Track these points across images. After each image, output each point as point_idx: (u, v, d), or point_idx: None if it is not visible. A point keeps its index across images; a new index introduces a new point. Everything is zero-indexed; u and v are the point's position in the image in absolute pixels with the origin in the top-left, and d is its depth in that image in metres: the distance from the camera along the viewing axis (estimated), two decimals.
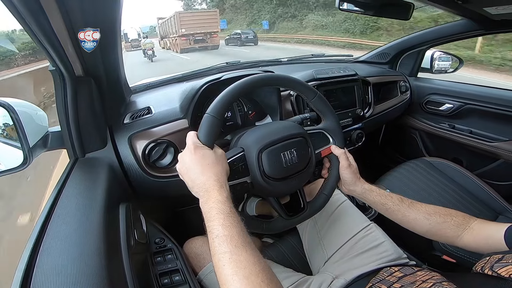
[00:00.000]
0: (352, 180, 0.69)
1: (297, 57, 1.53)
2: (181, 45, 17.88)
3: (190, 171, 0.51)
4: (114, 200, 0.62)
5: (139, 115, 0.81)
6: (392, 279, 0.59)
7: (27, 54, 7.69)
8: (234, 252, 0.40)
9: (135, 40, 22.87)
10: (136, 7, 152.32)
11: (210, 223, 0.44)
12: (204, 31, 17.83)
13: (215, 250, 0.41)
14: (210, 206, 0.46)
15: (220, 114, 0.56)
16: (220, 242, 0.41)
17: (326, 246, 0.77)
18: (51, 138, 0.70)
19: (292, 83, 0.69)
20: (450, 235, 0.58)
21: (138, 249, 0.58)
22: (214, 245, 0.41)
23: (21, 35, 8.10)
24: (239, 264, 0.39)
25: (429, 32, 1.35)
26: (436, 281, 0.49)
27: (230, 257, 0.39)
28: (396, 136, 1.66)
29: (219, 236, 0.42)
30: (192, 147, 0.52)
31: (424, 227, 0.61)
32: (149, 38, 16.29)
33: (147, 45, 14.02)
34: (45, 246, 0.44)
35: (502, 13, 0.91)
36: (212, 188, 0.48)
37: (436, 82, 1.47)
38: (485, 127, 1.27)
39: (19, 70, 6.42)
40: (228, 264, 0.39)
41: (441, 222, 0.59)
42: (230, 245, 0.40)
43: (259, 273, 0.38)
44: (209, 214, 0.45)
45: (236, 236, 0.41)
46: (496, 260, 0.44)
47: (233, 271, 0.38)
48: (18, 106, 0.61)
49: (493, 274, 0.41)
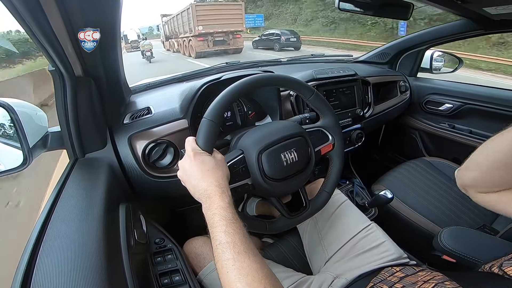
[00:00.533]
0: None
1: (297, 57, 1.54)
2: (197, 48, 13.56)
3: (191, 178, 0.51)
4: (114, 200, 0.61)
5: (139, 115, 0.81)
6: (394, 279, 0.58)
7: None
8: (237, 259, 0.40)
9: (134, 41, 22.67)
10: (135, 9, 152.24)
11: (213, 229, 0.44)
12: (226, 29, 13.55)
13: (219, 257, 0.41)
14: (213, 212, 0.46)
15: (217, 117, 0.56)
16: (223, 249, 0.41)
17: (327, 246, 0.77)
18: (51, 139, 0.70)
19: (289, 82, 0.69)
20: None
21: (138, 249, 0.58)
22: (218, 252, 0.42)
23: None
24: (242, 271, 0.39)
25: (429, 32, 1.35)
26: (438, 281, 0.48)
27: (233, 264, 0.40)
28: (396, 136, 1.66)
29: (222, 243, 0.42)
30: (192, 154, 0.52)
31: None
32: (147, 40, 16.00)
33: (145, 46, 13.86)
34: (45, 247, 0.44)
35: (502, 13, 0.91)
36: (214, 194, 0.48)
37: (435, 82, 1.47)
38: (485, 127, 1.27)
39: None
40: (231, 271, 0.39)
41: None
42: (233, 252, 0.41)
43: (262, 280, 0.38)
44: (212, 221, 0.45)
45: (238, 242, 0.42)
46: (508, 258, 0.43)
47: (236, 278, 0.39)
48: (18, 107, 0.61)
49: (499, 272, 0.41)
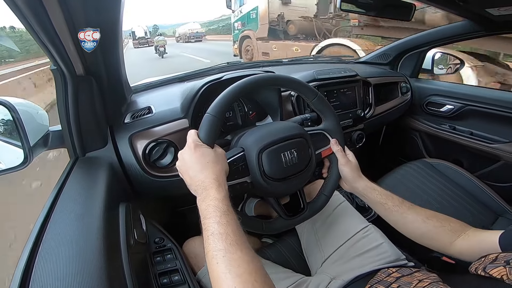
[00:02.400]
0: (351, 177, 0.69)
1: (298, 57, 1.54)
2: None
3: (189, 169, 0.52)
4: (114, 199, 0.62)
5: (139, 114, 0.81)
6: (390, 280, 0.59)
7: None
8: (229, 250, 0.40)
9: (142, 38, 22.80)
10: (141, 7, 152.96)
11: (206, 220, 0.44)
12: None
13: (210, 247, 0.41)
14: (208, 203, 0.46)
15: (220, 113, 0.56)
16: (215, 239, 0.41)
17: (324, 247, 0.77)
18: (52, 137, 0.70)
19: (293, 83, 0.69)
20: (444, 241, 0.58)
21: (138, 248, 0.58)
22: (209, 242, 0.41)
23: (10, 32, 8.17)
24: (233, 262, 0.39)
25: (430, 33, 1.35)
26: (432, 281, 0.49)
27: (224, 255, 0.39)
28: (397, 137, 1.66)
29: (214, 234, 0.42)
30: (192, 145, 0.52)
31: (420, 230, 0.61)
32: (162, 36, 16.04)
33: (159, 42, 14.23)
34: (44, 246, 0.44)
35: (504, 14, 0.91)
36: (211, 186, 0.48)
37: (437, 83, 1.47)
38: (486, 128, 1.26)
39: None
40: (222, 261, 0.39)
41: (438, 226, 0.59)
42: (225, 243, 0.40)
43: (252, 272, 0.38)
44: (205, 212, 0.45)
45: (231, 234, 0.41)
46: (490, 261, 0.43)
47: (226, 269, 0.38)
48: (19, 105, 0.61)
49: (485, 275, 0.41)
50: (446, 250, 0.58)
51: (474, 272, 0.45)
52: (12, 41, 8.03)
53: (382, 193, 0.67)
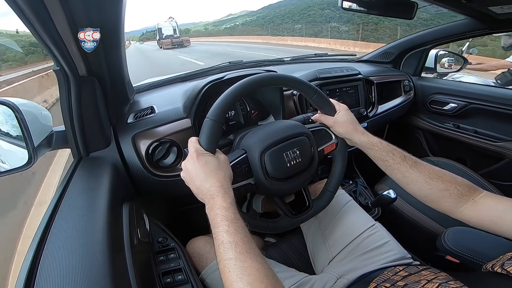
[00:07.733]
0: (346, 134, 0.67)
1: (300, 56, 1.53)
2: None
3: (194, 179, 0.52)
4: (118, 199, 0.62)
5: (142, 114, 0.81)
6: (397, 278, 0.58)
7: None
8: (239, 259, 0.41)
9: (169, 36, 19.09)
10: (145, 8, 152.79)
11: (215, 229, 0.45)
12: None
13: (221, 256, 0.42)
14: (215, 212, 0.46)
15: (220, 117, 0.56)
16: (225, 248, 0.42)
17: (331, 246, 0.76)
18: (56, 138, 0.70)
19: (292, 82, 0.69)
20: (450, 206, 0.55)
21: (141, 248, 0.59)
22: (220, 252, 0.42)
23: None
24: (243, 270, 0.40)
25: (433, 32, 1.34)
26: (441, 281, 0.48)
27: (235, 263, 0.40)
28: (400, 135, 1.65)
29: (224, 243, 0.42)
30: (195, 155, 0.52)
31: (423, 191, 0.58)
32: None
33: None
34: (49, 244, 0.44)
35: (507, 12, 0.90)
36: (217, 194, 0.48)
37: (440, 81, 1.46)
38: (490, 127, 1.26)
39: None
40: (233, 270, 0.40)
41: (442, 189, 0.55)
42: (234, 252, 0.41)
43: (263, 279, 0.39)
44: (214, 221, 0.46)
45: (240, 242, 0.42)
46: (508, 258, 0.43)
47: (237, 277, 0.39)
48: (23, 106, 0.61)
49: (502, 271, 0.41)
50: (452, 215, 0.55)
51: (491, 270, 0.44)
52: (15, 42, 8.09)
53: (382, 149, 0.64)
